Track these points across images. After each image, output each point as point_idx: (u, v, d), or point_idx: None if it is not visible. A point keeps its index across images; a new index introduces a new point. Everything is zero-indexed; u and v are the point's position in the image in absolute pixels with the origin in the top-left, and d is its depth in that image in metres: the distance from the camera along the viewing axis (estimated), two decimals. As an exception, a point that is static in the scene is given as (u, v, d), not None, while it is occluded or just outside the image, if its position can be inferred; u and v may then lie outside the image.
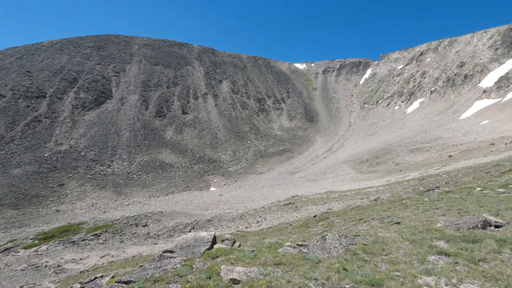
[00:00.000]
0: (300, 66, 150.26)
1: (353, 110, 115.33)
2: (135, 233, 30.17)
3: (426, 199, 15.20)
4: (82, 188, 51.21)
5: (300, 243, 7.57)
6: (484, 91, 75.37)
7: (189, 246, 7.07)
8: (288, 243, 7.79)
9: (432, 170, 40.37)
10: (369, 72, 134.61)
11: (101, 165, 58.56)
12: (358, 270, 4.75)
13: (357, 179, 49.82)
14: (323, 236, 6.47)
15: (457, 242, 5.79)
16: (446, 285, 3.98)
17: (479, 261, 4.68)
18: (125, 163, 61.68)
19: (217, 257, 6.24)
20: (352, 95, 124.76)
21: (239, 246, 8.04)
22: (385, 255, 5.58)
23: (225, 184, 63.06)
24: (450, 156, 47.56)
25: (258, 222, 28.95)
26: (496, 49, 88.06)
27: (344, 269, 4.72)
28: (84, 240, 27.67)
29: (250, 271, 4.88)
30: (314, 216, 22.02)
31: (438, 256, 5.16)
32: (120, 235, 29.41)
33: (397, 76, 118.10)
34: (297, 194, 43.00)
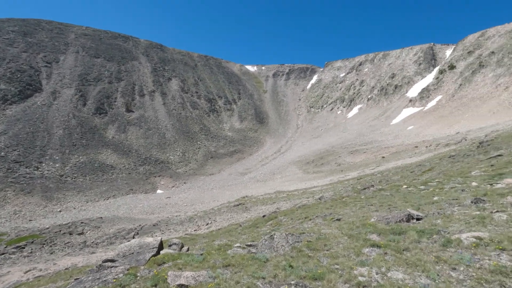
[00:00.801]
0: (251, 68, 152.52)
1: (301, 113, 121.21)
2: (68, 242, 27.16)
3: (362, 197, 16.72)
4: (1, 193, 44.30)
5: (249, 243, 7.70)
6: (410, 100, 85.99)
7: (133, 253, 6.66)
8: (238, 244, 7.87)
9: (369, 170, 44.54)
10: (315, 78, 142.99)
11: (26, 167, 51.39)
12: (303, 266, 5.04)
13: (303, 179, 52.45)
14: (271, 235, 6.70)
15: (386, 234, 6.53)
16: (377, 273, 4.48)
17: (403, 250, 5.35)
18: (57, 165, 55.13)
19: (164, 263, 6.00)
20: (300, 99, 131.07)
21: (188, 250, 7.85)
22: (327, 250, 6.01)
23: (173, 186, 60.70)
24: (383, 157, 53.02)
25: (207, 224, 28.53)
26: (420, 64, 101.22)
27: (290, 266, 4.96)
28: (3, 254, 23.95)
29: (198, 275, 4.81)
30: (263, 216, 22.54)
31: (371, 248, 5.75)
32: (50, 246, 26.19)
33: (340, 83, 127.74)
34: (247, 195, 43.52)
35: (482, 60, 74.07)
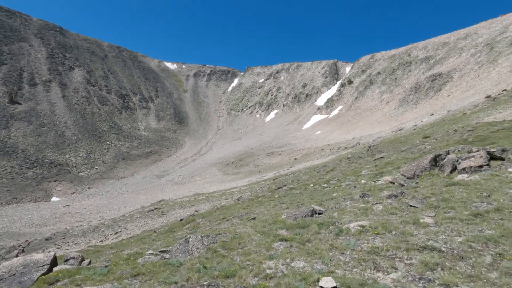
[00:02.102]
0: (171, 65, 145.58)
1: (222, 115, 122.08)
2: None
3: (276, 196, 17.99)
4: None
5: (162, 249, 7.38)
6: (318, 108, 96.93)
7: (14, 274, 5.53)
8: (150, 251, 7.44)
9: (283, 170, 48.07)
10: (236, 81, 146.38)
11: None
12: (217, 266, 5.15)
13: (223, 181, 52.91)
14: (186, 239, 6.60)
15: (293, 229, 7.24)
16: (282, 265, 4.96)
17: (306, 242, 6.05)
18: None
19: (58, 281, 5.20)
20: (221, 101, 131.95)
21: (89, 263, 6.98)
22: (241, 248, 6.29)
23: (74, 192, 52.64)
24: (296, 159, 58.08)
25: (116, 233, 25.81)
26: (326, 77, 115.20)
27: (204, 267, 5.00)
28: None
29: (101, 290, 4.37)
30: (181, 220, 21.80)
31: (280, 242, 6.30)
32: None
33: (259, 88, 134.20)
34: (164, 199, 41.26)
35: (372, 78, 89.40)
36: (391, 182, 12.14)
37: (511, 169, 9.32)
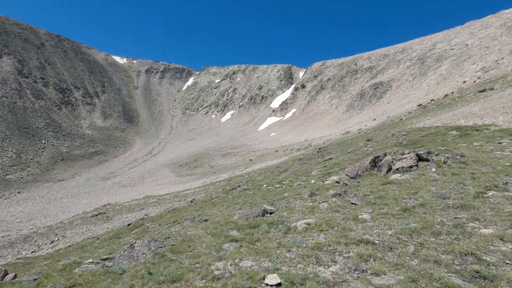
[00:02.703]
0: (120, 60, 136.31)
1: (176, 114, 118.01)
2: None
3: (230, 197, 17.98)
4: None
5: (105, 257, 6.88)
6: (273, 110, 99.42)
7: None
8: (90, 260, 6.88)
9: (238, 171, 48.21)
10: (191, 80, 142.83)
11: None
12: (164, 270, 4.98)
13: (176, 182, 51.15)
14: (131, 244, 6.25)
15: (244, 229, 7.34)
16: (231, 265, 5.00)
17: (255, 241, 6.18)
18: None
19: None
20: (175, 100, 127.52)
21: (14, 277, 6.18)
22: (190, 251, 6.17)
23: (-1, 198, 46.08)
24: (251, 160, 58.72)
25: (53, 242, 23.26)
26: (281, 80, 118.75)
27: (149, 273, 4.80)
28: None
29: (28, 306, 3.91)
30: (128, 225, 20.52)
31: (230, 243, 6.34)
32: None
33: (215, 88, 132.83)
34: (110, 202, 38.40)
35: (323, 83, 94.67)
36: (337, 182, 13.01)
37: (434, 169, 10.70)
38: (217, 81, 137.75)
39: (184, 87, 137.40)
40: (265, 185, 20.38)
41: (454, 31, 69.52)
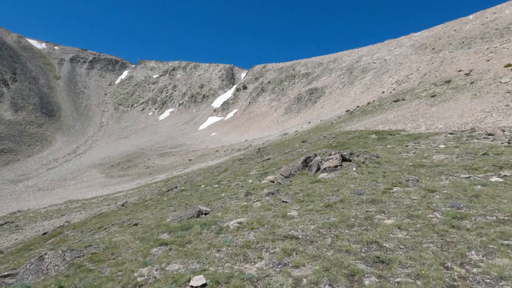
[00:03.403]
0: (37, 44, 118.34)
1: (107, 110, 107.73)
2: None
3: (165, 199, 17.21)
4: None
5: (6, 273, 5.90)
6: (215, 110, 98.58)
7: None
8: (-16, 279, 5.81)
9: (176, 172, 46.41)
10: (126, 73, 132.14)
11: None
12: (79, 283, 4.52)
13: (106, 184, 46.73)
14: (40, 256, 5.50)
15: (176, 231, 7.13)
16: (156, 270, 4.82)
17: (186, 243, 6.07)
18: None
19: None
20: (106, 94, 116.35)
21: None
22: (114, 259, 5.72)
23: None
24: (190, 160, 57.14)
25: None
26: (223, 80, 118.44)
27: (60, 287, 4.30)
28: None
29: None
30: (44, 234, 17.96)
31: (159, 247, 6.09)
32: None
33: (153, 84, 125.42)
34: (21, 209, 33.06)
35: (263, 86, 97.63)
36: (271, 181, 13.58)
37: (354, 168, 12.02)
38: (155, 76, 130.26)
39: (117, 81, 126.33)
40: (203, 186, 20.08)
41: (376, 47, 79.08)
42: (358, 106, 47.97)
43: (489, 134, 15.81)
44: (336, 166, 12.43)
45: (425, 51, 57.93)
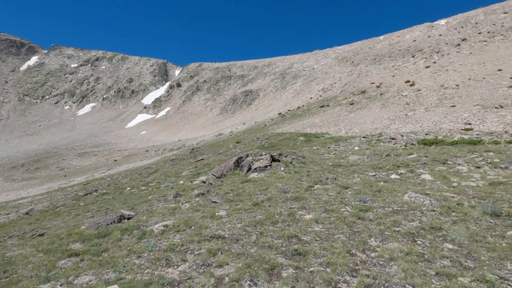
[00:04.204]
0: None
1: (8, 101, 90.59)
2: None
3: (82, 204, 15.35)
4: None
5: None
6: (145, 107, 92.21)
7: None
8: None
9: (98, 174, 41.77)
10: (35, 59, 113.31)
11: None
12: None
13: (6, 189, 39.20)
14: None
15: (91, 240, 6.41)
16: (62, 285, 4.26)
17: (102, 252, 5.51)
18: None
19: None
20: (7, 82, 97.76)
21: None
22: (6, 278, 4.83)
23: None
24: (116, 160, 52.18)
25: None
26: (155, 75, 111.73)
27: None
28: None
29: None
30: None
31: (69, 258, 5.38)
32: None
33: (71, 74, 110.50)
34: None
35: (199, 85, 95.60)
36: (203, 182, 13.38)
37: (283, 168, 12.74)
38: (73, 65, 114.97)
39: (24, 67, 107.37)
40: (128, 188, 18.63)
41: (306, 56, 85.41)
42: (289, 110, 50.98)
43: (392, 138, 18.64)
44: (266, 166, 12.96)
45: (346, 63, 65.09)
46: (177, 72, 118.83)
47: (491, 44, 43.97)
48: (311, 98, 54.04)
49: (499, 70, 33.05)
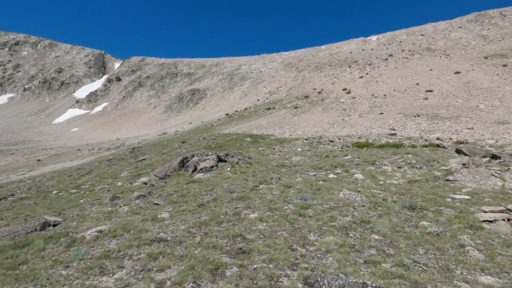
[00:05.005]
0: None
1: None
2: None
3: (-7, 211, 13.09)
4: None
5: None
6: (77, 101, 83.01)
7: None
8: None
9: (16, 176, 36.17)
10: None
11: None
12: None
13: None
14: None
15: (5, 252, 5.52)
16: (-37, 307, 3.58)
17: (19, 264, 4.79)
18: None
19: None
20: None
21: None
22: None
23: None
24: (39, 160, 45.89)
25: None
26: (90, 67, 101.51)
27: None
28: None
29: None
30: None
31: (-27, 275, 4.54)
32: None
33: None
34: None
35: (142, 80, 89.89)
36: (144, 183, 12.63)
37: (229, 168, 12.76)
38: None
39: None
40: (55, 192, 16.58)
41: (254, 59, 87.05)
42: (236, 111, 51.30)
43: (331, 141, 20.17)
44: (212, 167, 12.82)
45: (291, 69, 68.29)
46: (116, 65, 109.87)
47: (411, 61, 50.84)
48: (258, 100, 55.25)
49: (417, 84, 38.40)
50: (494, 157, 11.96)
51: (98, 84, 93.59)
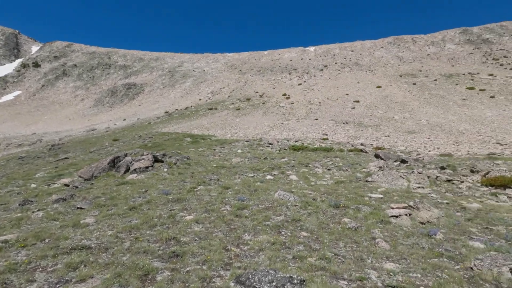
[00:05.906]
0: None
1: None
2: None
3: None
4: None
5: None
6: (-20, 87, 69.30)
7: None
8: None
9: None
10: None
11: None
12: None
13: None
14: None
15: None
16: None
17: None
18: None
19: None
20: None
21: None
22: None
23: None
24: None
25: None
26: (0, 47, 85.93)
27: None
28: None
29: None
30: None
31: None
32: None
33: None
34: None
35: (66, 69, 79.66)
36: (66, 185, 11.25)
37: (166, 169, 12.24)
38: None
39: None
40: None
41: (197, 57, 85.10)
42: (177, 109, 49.38)
43: (270, 143, 20.97)
44: (147, 167, 12.12)
45: (235, 70, 68.84)
46: (34, 48, 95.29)
47: (343, 73, 56.19)
48: (200, 99, 54.17)
49: (347, 94, 42.62)
50: (403, 161, 14.03)
51: (8, 68, 79.54)
